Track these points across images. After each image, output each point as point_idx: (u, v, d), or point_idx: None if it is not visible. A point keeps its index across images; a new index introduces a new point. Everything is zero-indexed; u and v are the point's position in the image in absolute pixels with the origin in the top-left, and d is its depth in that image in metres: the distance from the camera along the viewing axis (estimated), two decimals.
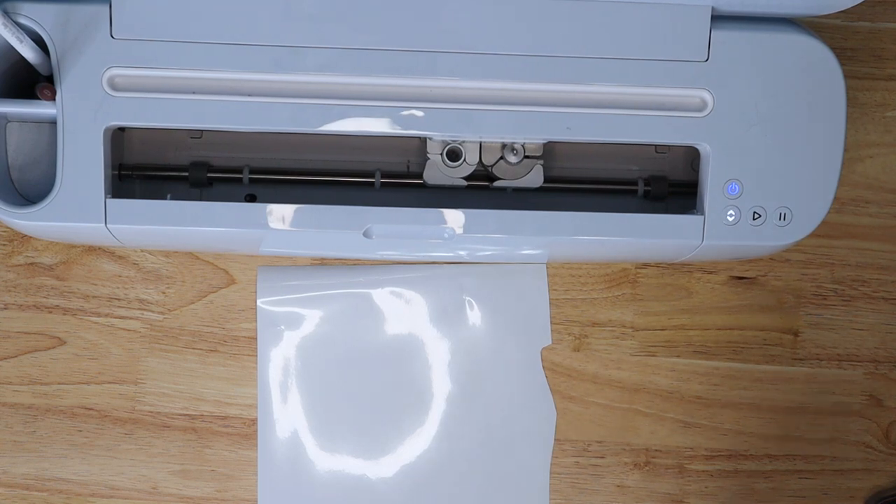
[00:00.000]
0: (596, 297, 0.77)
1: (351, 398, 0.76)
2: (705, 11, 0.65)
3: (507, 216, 0.66)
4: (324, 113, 0.65)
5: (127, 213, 0.65)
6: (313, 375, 0.76)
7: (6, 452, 0.75)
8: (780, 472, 0.78)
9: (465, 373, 0.76)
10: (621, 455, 0.77)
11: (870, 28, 0.77)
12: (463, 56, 0.65)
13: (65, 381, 0.75)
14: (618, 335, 0.77)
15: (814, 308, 0.78)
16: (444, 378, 0.76)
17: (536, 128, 0.66)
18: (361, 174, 0.70)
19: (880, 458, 0.78)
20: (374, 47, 0.64)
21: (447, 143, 0.68)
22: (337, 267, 0.76)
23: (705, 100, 0.66)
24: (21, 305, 0.75)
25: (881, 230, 0.78)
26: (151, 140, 0.70)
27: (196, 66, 0.64)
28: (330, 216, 0.66)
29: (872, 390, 0.78)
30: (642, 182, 0.71)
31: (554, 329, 0.77)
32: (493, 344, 0.77)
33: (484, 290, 0.76)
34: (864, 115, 0.77)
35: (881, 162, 0.77)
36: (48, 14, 0.63)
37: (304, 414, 0.76)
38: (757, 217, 0.66)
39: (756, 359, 0.78)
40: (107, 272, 0.75)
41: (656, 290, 0.77)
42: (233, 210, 0.65)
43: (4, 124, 0.68)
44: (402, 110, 0.65)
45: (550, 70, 0.65)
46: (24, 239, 0.75)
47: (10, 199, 0.66)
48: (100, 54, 0.63)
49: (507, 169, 0.69)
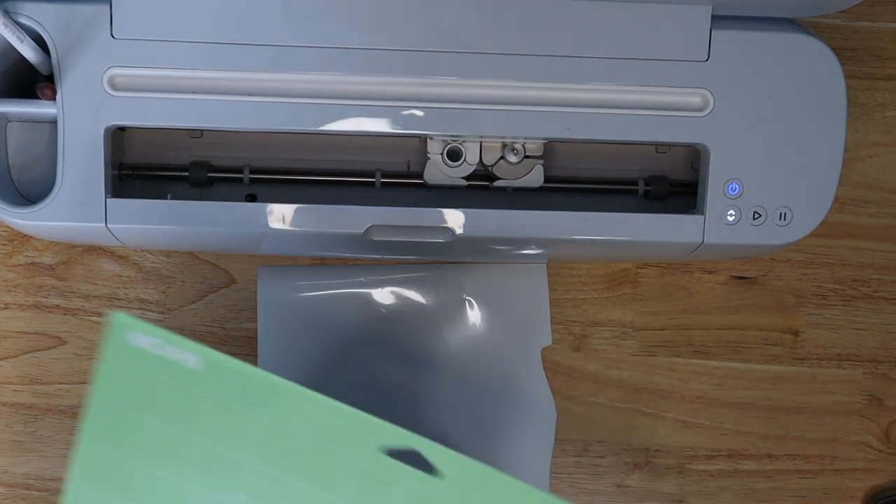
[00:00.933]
0: (596, 297, 0.77)
1: (350, 398, 0.76)
2: (705, 11, 0.65)
3: (507, 216, 0.66)
4: (324, 113, 0.65)
5: (127, 213, 0.65)
6: (314, 375, 0.76)
7: (6, 452, 0.75)
8: (780, 472, 0.78)
9: (465, 373, 0.76)
10: (621, 455, 0.77)
11: (870, 28, 0.77)
12: (463, 56, 0.65)
13: (65, 381, 0.75)
14: (618, 335, 0.77)
15: (814, 308, 0.78)
16: (443, 379, 0.76)
17: (537, 127, 0.66)
18: (361, 174, 0.70)
19: (880, 458, 0.78)
20: (373, 47, 0.64)
21: (447, 142, 0.68)
22: (337, 266, 0.76)
23: (705, 99, 0.66)
24: (21, 305, 0.75)
25: (881, 230, 0.78)
26: (151, 140, 0.70)
27: (196, 66, 0.64)
28: (330, 216, 0.66)
29: (872, 390, 0.78)
30: (642, 182, 0.71)
31: (554, 329, 0.77)
32: (493, 344, 0.76)
33: (484, 290, 0.76)
34: (864, 115, 0.77)
35: (881, 162, 0.77)
36: (48, 14, 0.63)
37: None
38: (757, 217, 0.66)
39: (756, 359, 0.78)
40: (107, 272, 0.75)
41: (656, 290, 0.77)
42: (233, 210, 0.65)
43: (4, 124, 0.68)
44: (402, 110, 0.65)
45: (550, 70, 0.65)
46: (24, 239, 0.75)
47: (10, 198, 0.66)
48: (100, 54, 0.64)
49: (507, 169, 0.69)
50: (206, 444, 0.54)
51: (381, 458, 0.54)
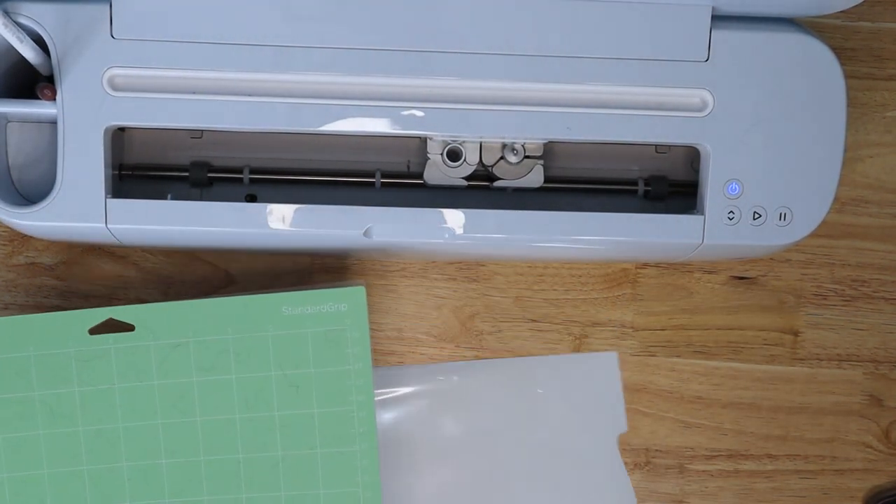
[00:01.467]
0: (596, 297, 0.77)
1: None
2: (705, 11, 0.65)
3: (507, 216, 0.66)
4: (324, 113, 0.65)
5: (127, 213, 0.65)
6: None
7: None
8: (780, 472, 0.78)
9: (542, 466, 0.76)
10: (622, 455, 0.77)
11: (870, 28, 0.77)
12: (463, 56, 0.65)
13: None
14: (618, 335, 0.77)
15: (814, 308, 0.78)
16: (519, 472, 0.76)
17: (536, 128, 0.66)
18: (361, 174, 0.70)
19: (880, 458, 0.78)
20: (373, 47, 0.64)
21: (447, 143, 0.68)
22: (412, 366, 0.76)
23: (705, 100, 0.66)
24: (21, 305, 0.75)
25: (881, 230, 0.78)
26: (151, 140, 0.70)
27: (196, 66, 0.64)
28: (330, 216, 0.66)
29: (872, 390, 0.78)
30: (642, 182, 0.71)
31: (554, 329, 0.77)
32: (567, 436, 0.76)
33: (556, 382, 0.76)
34: (864, 115, 0.77)
35: (881, 162, 0.77)
36: (48, 14, 0.63)
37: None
38: (757, 217, 0.66)
39: (756, 359, 0.78)
40: (107, 272, 0.75)
41: (656, 290, 0.77)
42: (233, 210, 0.65)
43: (4, 124, 0.68)
44: (402, 110, 0.65)
45: (550, 70, 0.65)
46: (24, 239, 0.75)
47: (11, 199, 0.66)
48: (100, 54, 0.64)
49: (507, 169, 0.69)
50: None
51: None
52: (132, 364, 0.68)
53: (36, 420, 0.68)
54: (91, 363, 0.67)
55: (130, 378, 0.68)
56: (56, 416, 0.68)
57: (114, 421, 0.68)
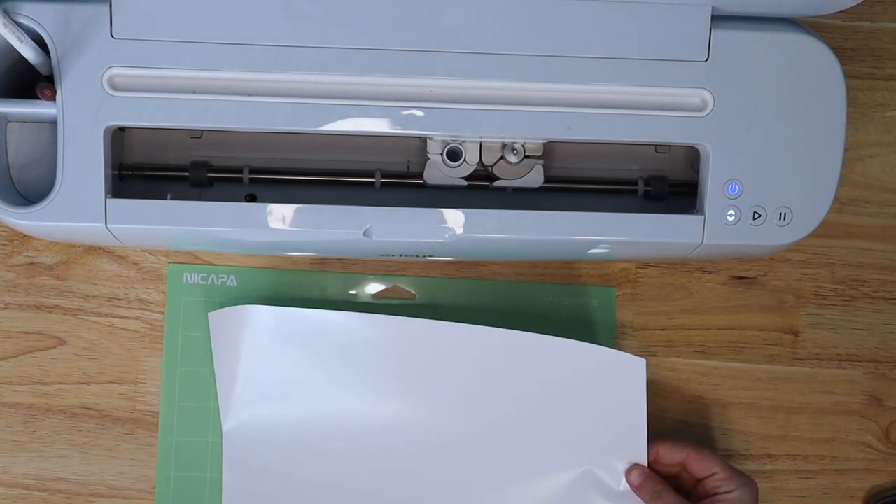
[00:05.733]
0: None
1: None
2: (705, 11, 0.65)
3: (507, 216, 0.66)
4: (324, 113, 0.65)
5: (127, 213, 0.65)
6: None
7: (6, 452, 0.75)
8: (780, 472, 0.78)
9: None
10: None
11: (870, 28, 0.77)
12: (463, 56, 0.65)
13: (65, 381, 0.75)
14: (618, 335, 0.77)
15: (814, 308, 0.78)
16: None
17: (536, 127, 0.66)
18: (361, 174, 0.70)
19: (880, 458, 0.78)
20: (374, 47, 0.64)
21: (447, 142, 0.68)
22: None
23: (705, 100, 0.66)
24: (21, 305, 0.75)
25: (881, 230, 0.78)
26: (151, 140, 0.70)
27: (196, 66, 0.64)
28: (330, 216, 0.66)
29: (872, 390, 0.78)
30: (642, 182, 0.71)
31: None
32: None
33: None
34: (864, 115, 0.77)
35: (881, 162, 0.77)
36: (48, 14, 0.63)
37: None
38: (757, 217, 0.66)
39: (756, 359, 0.78)
40: (107, 272, 0.75)
41: (656, 290, 0.77)
42: (233, 210, 0.65)
43: (4, 124, 0.68)
44: (402, 110, 0.65)
45: (550, 70, 0.65)
46: (24, 239, 0.75)
47: (10, 199, 0.66)
48: (100, 54, 0.64)
49: (507, 169, 0.69)
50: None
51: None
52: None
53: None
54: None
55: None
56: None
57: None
